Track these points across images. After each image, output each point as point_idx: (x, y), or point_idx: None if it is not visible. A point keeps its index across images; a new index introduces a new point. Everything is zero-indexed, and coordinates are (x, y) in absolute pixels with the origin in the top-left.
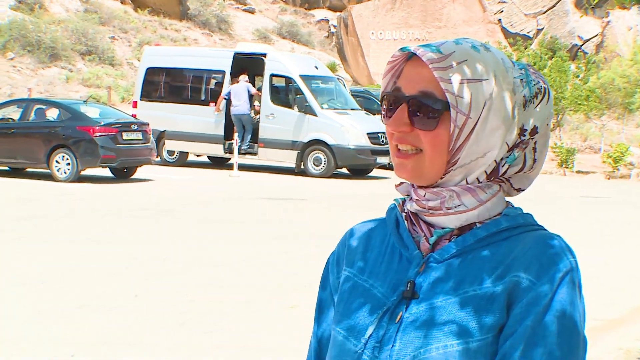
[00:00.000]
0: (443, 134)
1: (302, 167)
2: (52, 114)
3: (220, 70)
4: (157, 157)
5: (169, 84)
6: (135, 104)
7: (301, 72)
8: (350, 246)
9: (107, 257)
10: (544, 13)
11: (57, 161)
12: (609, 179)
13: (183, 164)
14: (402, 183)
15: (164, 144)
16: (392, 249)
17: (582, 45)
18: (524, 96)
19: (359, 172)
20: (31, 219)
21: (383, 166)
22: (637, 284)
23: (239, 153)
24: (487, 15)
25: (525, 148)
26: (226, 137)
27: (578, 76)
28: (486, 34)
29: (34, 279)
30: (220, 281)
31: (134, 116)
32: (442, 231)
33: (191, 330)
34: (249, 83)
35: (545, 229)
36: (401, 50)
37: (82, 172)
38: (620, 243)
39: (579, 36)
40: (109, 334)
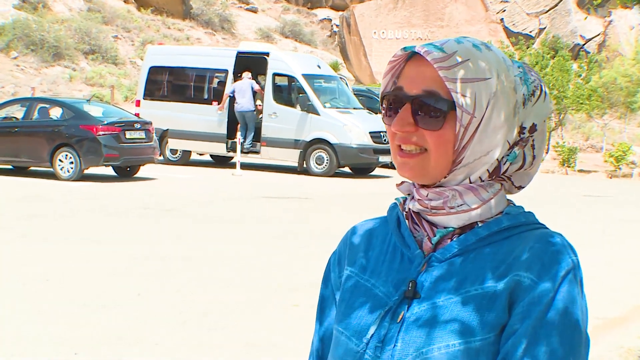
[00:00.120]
0: (448, 134)
1: (305, 166)
2: (56, 112)
3: (223, 70)
4: (160, 155)
5: (171, 83)
6: (138, 102)
7: (304, 71)
8: (352, 245)
9: (110, 256)
10: (546, 12)
11: (60, 160)
12: (610, 178)
13: (186, 162)
14: (403, 182)
15: (167, 142)
16: (393, 248)
17: (584, 44)
18: (523, 94)
19: (362, 171)
20: (34, 218)
21: (385, 165)
22: (638, 283)
23: (242, 152)
24: (490, 15)
25: (525, 146)
26: (229, 136)
27: (580, 75)
28: (488, 34)
29: (37, 277)
30: (221, 280)
31: (137, 115)
32: (445, 231)
33: (193, 329)
34: (253, 80)
35: (546, 227)
36: (403, 49)
37: (85, 171)
38: (621, 242)
39: (581, 35)
40: (111, 333)
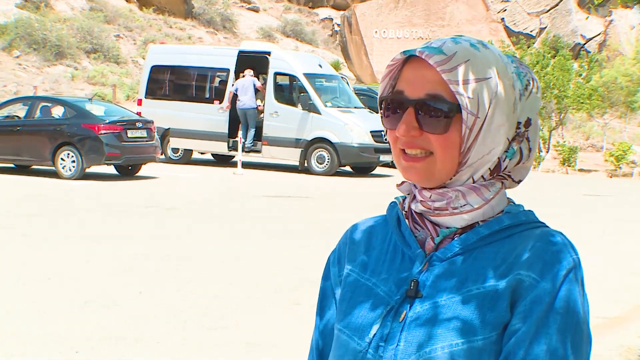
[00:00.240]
0: (454, 136)
1: (306, 165)
2: (58, 111)
3: (225, 69)
4: (161, 154)
5: (173, 82)
6: (140, 101)
7: (305, 70)
8: (352, 244)
9: (111, 255)
10: (546, 12)
11: (62, 159)
12: (611, 177)
13: (187, 161)
14: (403, 182)
15: (169, 141)
16: (394, 248)
17: (584, 44)
18: (518, 90)
19: (362, 170)
20: (36, 216)
21: (386, 164)
22: (638, 282)
23: (243, 151)
24: (490, 14)
25: (522, 141)
26: (230, 135)
27: (581, 75)
28: (489, 33)
29: (38, 275)
30: (222, 279)
31: (138, 114)
32: (448, 231)
33: (193, 328)
34: (255, 77)
35: (547, 226)
36: (403, 53)
37: (87, 170)
38: (621, 241)
39: (581, 35)
40: (111, 332)
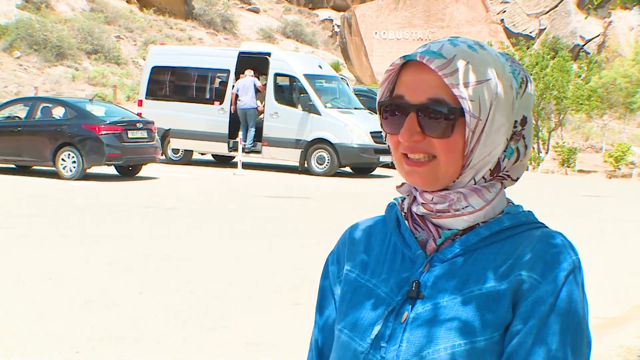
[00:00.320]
0: (458, 139)
1: (306, 165)
2: (58, 112)
3: (225, 70)
4: (162, 155)
5: (174, 83)
6: (140, 102)
7: (305, 71)
8: (351, 245)
9: (111, 255)
10: (546, 13)
11: (63, 159)
12: (610, 178)
13: (188, 162)
14: (403, 184)
15: (169, 142)
16: (394, 249)
17: (584, 45)
18: (515, 89)
19: (362, 171)
20: (37, 217)
21: (386, 165)
22: (637, 282)
23: (243, 151)
24: (490, 15)
25: (519, 140)
26: (230, 136)
27: (580, 76)
28: (489, 34)
29: (39, 275)
30: (222, 279)
31: (139, 115)
32: (450, 232)
33: (193, 328)
34: (255, 78)
35: (546, 226)
36: (403, 58)
37: (88, 170)
38: (621, 241)
39: (581, 36)
40: (112, 332)
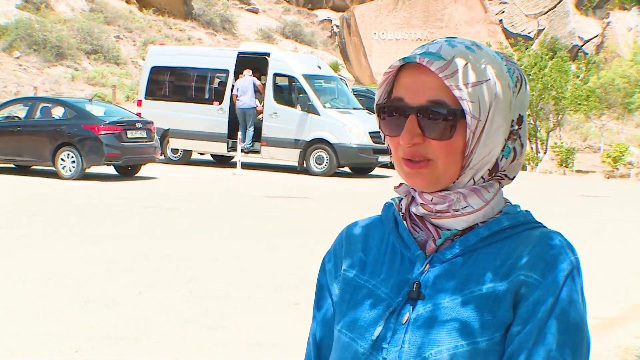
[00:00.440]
0: (458, 141)
1: (305, 165)
2: (58, 112)
3: (224, 70)
4: (161, 155)
5: (173, 83)
6: (139, 102)
7: (304, 71)
8: (348, 245)
9: (111, 255)
10: (544, 14)
11: (62, 159)
12: (608, 178)
13: (187, 162)
14: (401, 184)
15: (168, 142)
16: (392, 249)
17: (582, 45)
18: (511, 89)
19: (361, 171)
20: (36, 216)
21: (385, 165)
22: (636, 282)
23: (242, 151)
24: (489, 16)
25: (515, 139)
26: (230, 136)
27: (578, 76)
28: (487, 35)
29: (39, 275)
30: (222, 279)
31: (138, 115)
32: (449, 233)
33: (193, 327)
34: (254, 77)
35: (544, 226)
36: (402, 60)
37: (87, 170)
38: (618, 242)
39: (579, 37)
40: (111, 332)
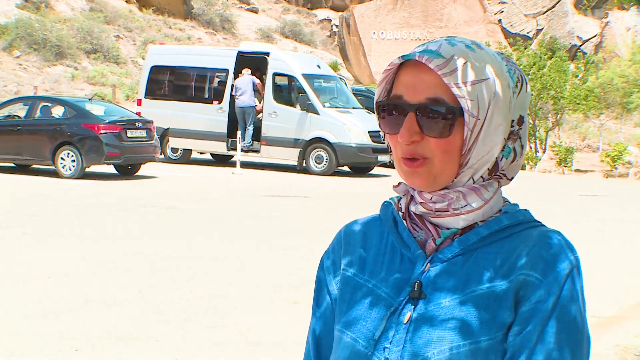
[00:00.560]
0: (456, 139)
1: (304, 164)
2: (58, 111)
3: (224, 69)
4: (161, 154)
5: (173, 82)
6: (139, 101)
7: (304, 71)
8: (347, 244)
9: (111, 254)
10: (543, 13)
11: (62, 158)
12: (607, 177)
13: (186, 161)
14: (400, 183)
15: (168, 141)
16: (391, 249)
17: (581, 45)
18: (511, 89)
19: (361, 170)
20: (36, 215)
21: (384, 164)
22: (635, 281)
23: (242, 150)
24: (488, 16)
25: (516, 139)
26: (229, 135)
27: (577, 76)
28: (486, 34)
29: (38, 275)
30: (222, 278)
31: (138, 114)
32: (449, 232)
33: (193, 327)
34: (253, 76)
35: (544, 225)
36: (402, 57)
37: (87, 169)
38: (618, 241)
39: (578, 36)
40: (111, 331)
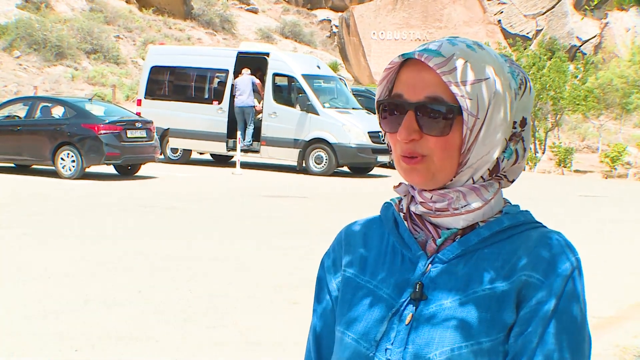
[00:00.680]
0: (455, 138)
1: (304, 165)
2: (58, 111)
3: (224, 69)
4: (160, 154)
5: (173, 83)
6: (139, 102)
7: (303, 71)
8: (347, 245)
9: (110, 254)
10: (543, 14)
11: (62, 158)
12: (606, 178)
13: (186, 161)
14: (401, 184)
15: (168, 141)
16: (392, 249)
17: (580, 46)
18: (514, 90)
19: (360, 171)
20: (36, 215)
21: (384, 164)
22: (634, 282)
23: (242, 151)
24: (487, 16)
25: (518, 141)
26: (229, 135)
27: (576, 77)
28: (486, 35)
29: (39, 274)
30: (221, 278)
31: (138, 114)
32: (449, 232)
33: (193, 327)
34: (252, 76)
35: (545, 226)
36: (402, 56)
37: (87, 169)
38: (616, 241)
39: (577, 37)
40: (111, 331)
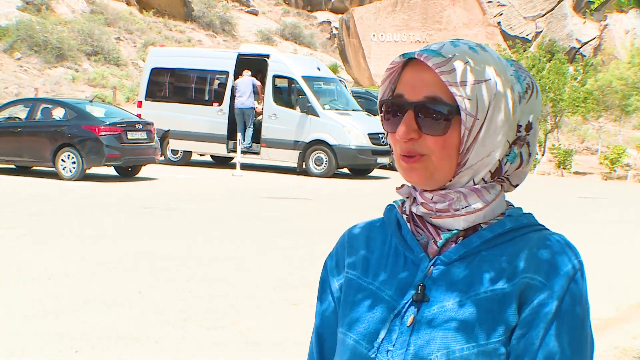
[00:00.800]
0: (453, 138)
1: (304, 166)
2: (58, 113)
3: (224, 71)
4: (161, 156)
5: (173, 84)
6: (140, 103)
7: (304, 73)
8: (350, 247)
9: (111, 255)
10: (542, 16)
11: (62, 160)
12: (605, 180)
13: (187, 163)
14: (403, 185)
15: (168, 143)
16: (395, 251)
17: (580, 48)
18: (518, 93)
19: (360, 172)
20: (37, 216)
21: (384, 166)
22: (633, 283)
23: (242, 152)
24: (487, 18)
25: (522, 145)
26: (229, 137)
27: (576, 78)
28: (486, 37)
29: (39, 275)
30: (221, 279)
31: (138, 116)
32: (450, 233)
33: (193, 327)
34: (253, 77)
35: (547, 228)
36: (403, 56)
37: (87, 171)
38: (616, 243)
39: (577, 39)
40: (111, 331)
